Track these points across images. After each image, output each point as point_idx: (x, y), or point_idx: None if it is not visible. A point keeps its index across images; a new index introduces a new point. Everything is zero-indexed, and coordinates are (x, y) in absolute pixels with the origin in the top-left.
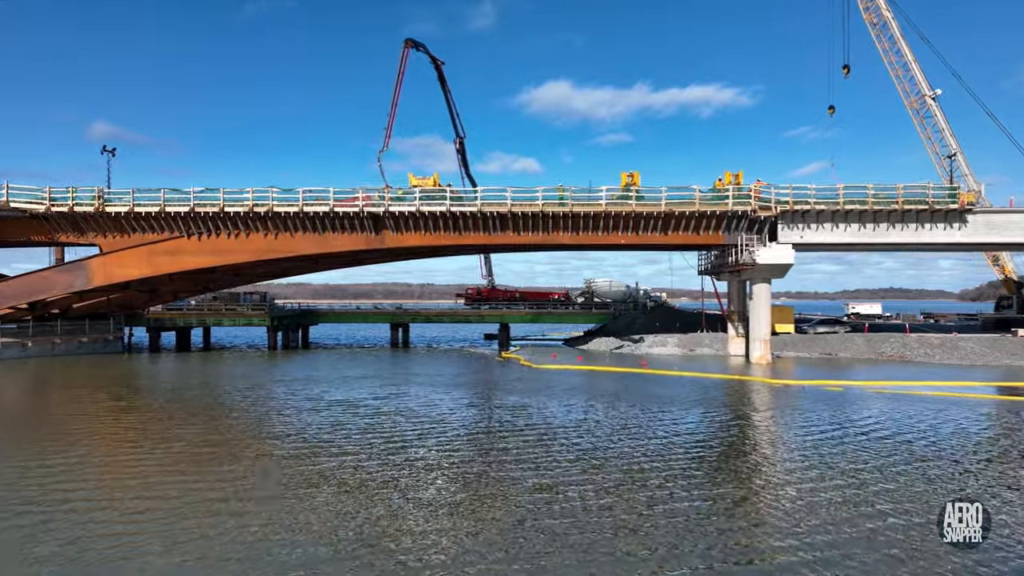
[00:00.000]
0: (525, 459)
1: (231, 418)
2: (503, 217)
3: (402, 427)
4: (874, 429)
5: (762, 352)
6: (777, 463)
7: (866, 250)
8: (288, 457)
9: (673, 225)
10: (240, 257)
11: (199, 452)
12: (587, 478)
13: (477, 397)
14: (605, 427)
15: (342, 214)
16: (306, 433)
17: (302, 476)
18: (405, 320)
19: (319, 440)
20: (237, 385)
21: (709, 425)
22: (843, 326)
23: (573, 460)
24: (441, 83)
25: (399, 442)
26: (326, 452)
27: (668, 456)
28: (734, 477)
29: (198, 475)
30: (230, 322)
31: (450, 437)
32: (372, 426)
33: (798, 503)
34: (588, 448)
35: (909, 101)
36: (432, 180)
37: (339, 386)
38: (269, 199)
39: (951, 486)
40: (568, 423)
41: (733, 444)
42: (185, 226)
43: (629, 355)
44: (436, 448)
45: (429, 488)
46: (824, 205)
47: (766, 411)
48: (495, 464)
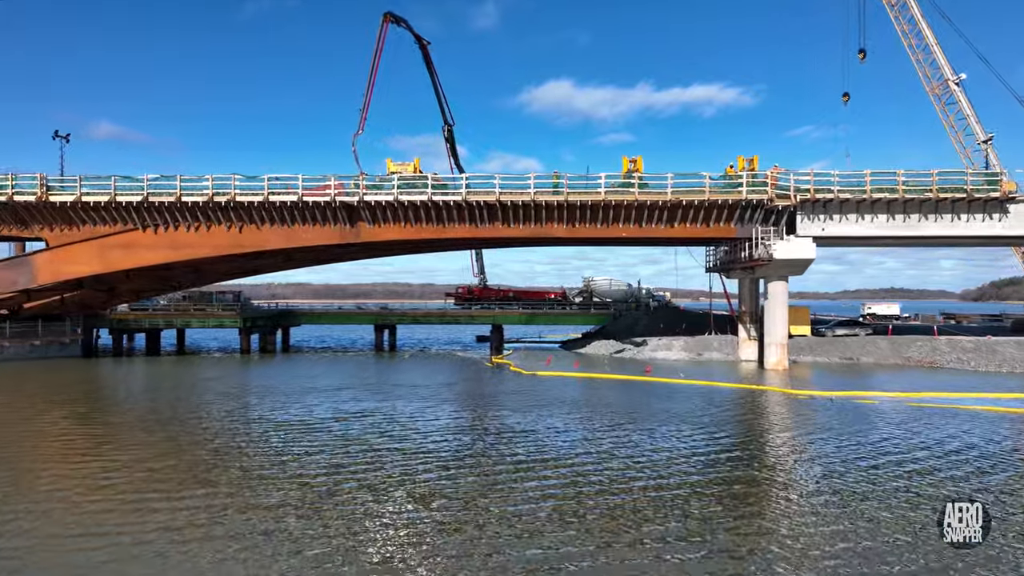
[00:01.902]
0: (512, 524)
1: (127, 450)
2: (491, 208)
3: (353, 467)
4: (942, 464)
5: (778, 357)
6: (826, 524)
7: (895, 244)
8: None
9: (680, 216)
10: (201, 252)
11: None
12: (591, 550)
13: (459, 417)
14: (606, 464)
15: (312, 204)
16: (212, 472)
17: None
18: (391, 321)
19: (217, 490)
20: (177, 397)
21: (728, 458)
22: (864, 328)
23: (570, 521)
24: (427, 65)
25: (342, 496)
26: (215, 513)
27: (690, 522)
28: (779, 549)
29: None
30: (199, 323)
31: (418, 486)
32: (313, 463)
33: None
34: (589, 505)
35: (931, 87)
36: (412, 166)
37: (300, 400)
38: (231, 187)
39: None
40: (562, 456)
41: (764, 487)
42: (139, 218)
43: (631, 360)
44: (392, 507)
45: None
46: (849, 194)
47: (794, 434)
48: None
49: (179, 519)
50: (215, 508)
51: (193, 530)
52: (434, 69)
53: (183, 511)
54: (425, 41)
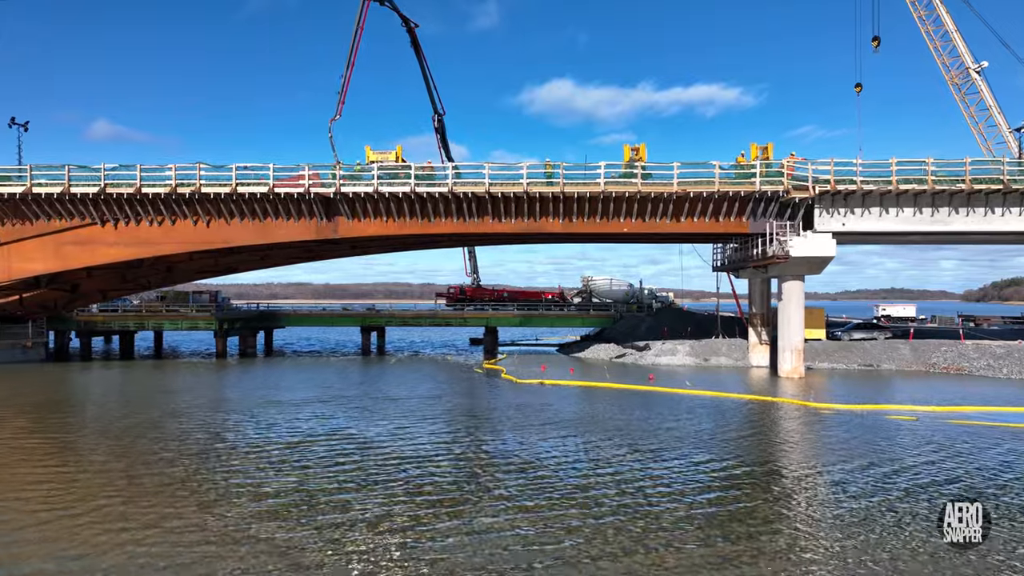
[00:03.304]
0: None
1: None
2: (480, 200)
3: (283, 519)
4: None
5: (794, 364)
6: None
7: (921, 241)
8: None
9: (687, 210)
10: (165, 248)
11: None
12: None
13: (437, 441)
14: (602, 518)
15: (284, 196)
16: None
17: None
18: (378, 323)
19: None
20: (122, 414)
21: (752, 507)
22: (882, 331)
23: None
24: (415, 50)
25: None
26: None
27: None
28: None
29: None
30: (172, 325)
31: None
32: (238, 516)
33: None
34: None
35: (950, 76)
36: (394, 154)
37: (257, 418)
38: (195, 178)
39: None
40: (555, 502)
41: (809, 553)
42: (97, 211)
43: (633, 366)
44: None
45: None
46: (873, 184)
47: (828, 462)
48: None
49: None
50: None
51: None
52: (423, 54)
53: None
54: (413, 24)
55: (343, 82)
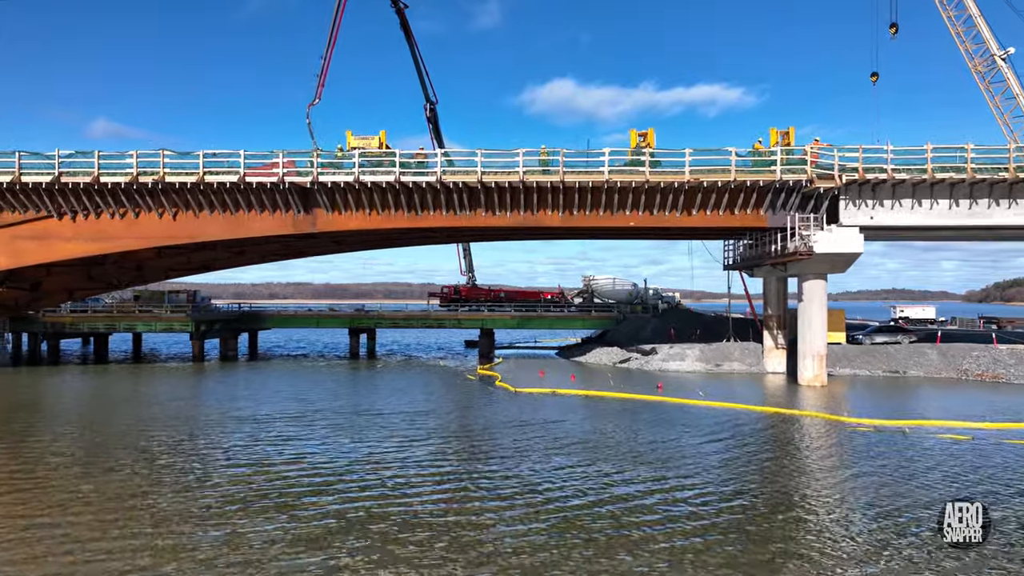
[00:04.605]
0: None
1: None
2: (472, 191)
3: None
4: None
5: (816, 371)
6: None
7: (956, 237)
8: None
9: (700, 202)
10: (129, 243)
11: None
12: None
13: (424, 476)
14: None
15: (257, 186)
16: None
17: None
18: (367, 325)
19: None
20: (63, 432)
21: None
22: (906, 334)
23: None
24: (406, 33)
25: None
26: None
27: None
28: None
29: None
30: (145, 327)
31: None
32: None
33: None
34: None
35: (973, 64)
36: (377, 140)
37: (211, 438)
38: (159, 166)
39: None
40: (556, 561)
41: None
42: (53, 203)
43: (638, 372)
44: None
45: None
46: (905, 173)
47: (911, 501)
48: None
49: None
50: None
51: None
52: (414, 39)
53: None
54: (402, 4)
55: (323, 63)
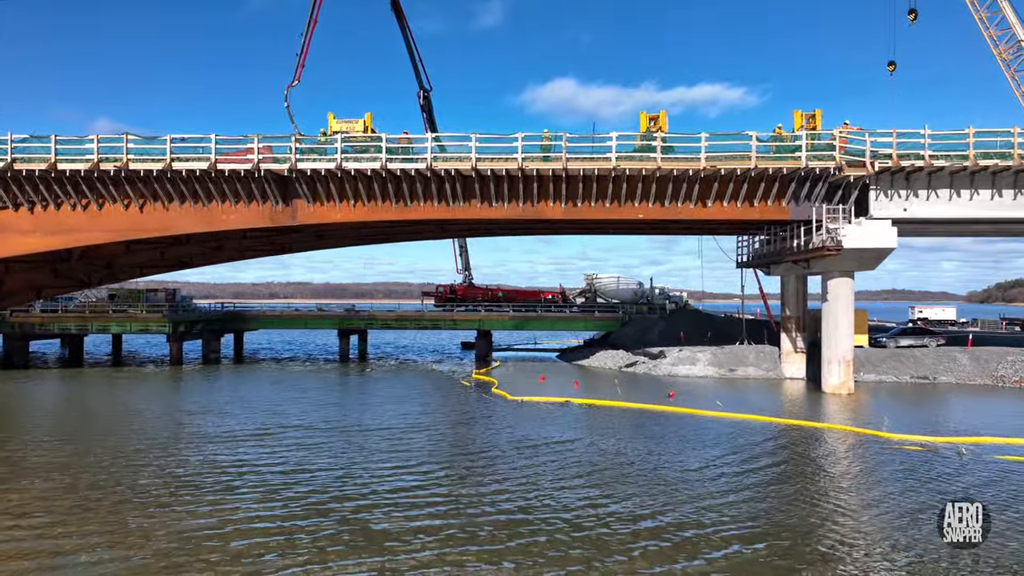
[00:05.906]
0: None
1: None
2: (466, 180)
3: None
4: None
5: (843, 378)
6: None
7: (996, 232)
8: None
9: (716, 192)
10: (93, 237)
11: None
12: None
13: (406, 521)
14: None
15: (230, 174)
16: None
17: None
18: (357, 326)
19: None
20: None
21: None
22: (933, 337)
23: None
24: (398, 17)
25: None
26: None
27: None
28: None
29: None
30: (119, 327)
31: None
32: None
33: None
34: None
35: (999, 51)
36: (362, 123)
37: (169, 456)
38: (122, 152)
39: None
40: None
41: None
42: (8, 192)
43: (646, 377)
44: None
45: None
46: (944, 160)
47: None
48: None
49: None
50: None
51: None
52: (407, 23)
53: None
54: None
55: (303, 42)
